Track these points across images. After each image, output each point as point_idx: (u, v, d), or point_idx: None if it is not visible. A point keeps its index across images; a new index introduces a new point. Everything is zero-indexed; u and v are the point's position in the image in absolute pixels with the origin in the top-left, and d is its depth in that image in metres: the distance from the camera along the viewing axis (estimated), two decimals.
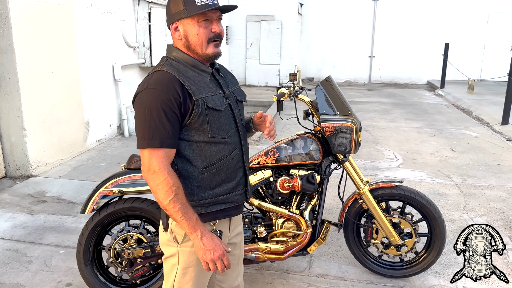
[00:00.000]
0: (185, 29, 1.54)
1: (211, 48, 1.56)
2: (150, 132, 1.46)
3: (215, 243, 1.54)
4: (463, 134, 6.99)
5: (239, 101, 1.72)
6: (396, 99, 10.68)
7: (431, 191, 4.52)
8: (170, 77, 1.49)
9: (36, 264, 3.06)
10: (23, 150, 4.68)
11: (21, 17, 4.48)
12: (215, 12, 1.55)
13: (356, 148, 2.67)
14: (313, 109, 2.76)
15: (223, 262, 1.55)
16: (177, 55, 1.58)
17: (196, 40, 1.54)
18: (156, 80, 1.49)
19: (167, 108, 1.45)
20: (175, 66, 1.55)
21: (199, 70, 1.57)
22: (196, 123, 1.51)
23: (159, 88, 1.47)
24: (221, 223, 1.67)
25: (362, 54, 13.75)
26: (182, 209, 1.48)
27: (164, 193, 1.46)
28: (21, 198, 4.22)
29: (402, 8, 13.17)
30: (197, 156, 1.56)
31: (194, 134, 1.54)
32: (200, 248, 1.53)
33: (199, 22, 1.52)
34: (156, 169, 1.46)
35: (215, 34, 1.55)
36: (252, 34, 12.53)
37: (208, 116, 1.52)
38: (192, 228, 1.50)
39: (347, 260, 3.15)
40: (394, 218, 2.82)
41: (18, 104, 4.55)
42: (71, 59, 5.37)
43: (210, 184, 1.60)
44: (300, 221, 2.62)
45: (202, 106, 1.51)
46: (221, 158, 1.59)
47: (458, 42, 12.93)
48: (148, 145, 1.46)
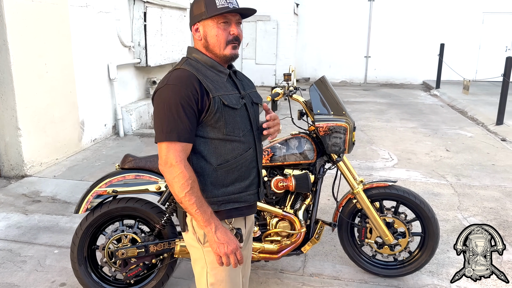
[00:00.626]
0: (205, 30, 1.60)
1: (229, 49, 1.61)
2: (169, 126, 1.50)
3: (229, 237, 1.55)
4: (458, 134, 7.03)
5: (255, 103, 1.76)
6: (392, 99, 10.72)
7: (425, 191, 4.54)
8: (189, 75, 1.55)
9: (30, 264, 3.05)
10: (18, 150, 4.66)
11: (15, 16, 4.47)
12: (235, 15, 1.61)
13: (350, 148, 2.69)
14: (307, 109, 2.77)
15: (236, 257, 1.56)
16: (196, 56, 1.64)
17: (215, 41, 1.59)
18: (176, 77, 1.55)
19: (186, 104, 1.50)
20: (194, 65, 1.61)
21: (216, 71, 1.63)
22: (212, 119, 1.55)
23: (179, 85, 1.52)
24: (237, 221, 1.70)
25: (358, 54, 13.80)
26: (197, 202, 1.51)
27: (180, 186, 1.50)
28: (15, 198, 4.20)
29: (397, 9, 13.22)
30: (212, 153, 1.60)
31: (210, 131, 1.57)
32: (214, 242, 1.54)
33: (219, 24, 1.58)
34: (173, 162, 1.50)
35: (234, 37, 1.61)
36: (248, 34, 12.53)
37: (224, 113, 1.56)
38: (206, 222, 1.53)
39: (341, 259, 3.16)
40: (388, 218, 2.84)
41: (13, 104, 4.53)
42: (66, 59, 5.36)
43: (223, 182, 1.62)
44: (294, 221, 2.63)
45: (218, 103, 1.55)
46: (235, 156, 1.62)
47: (453, 43, 13.00)
48: (166, 139, 1.50)
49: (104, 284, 2.60)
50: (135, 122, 6.86)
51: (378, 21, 13.42)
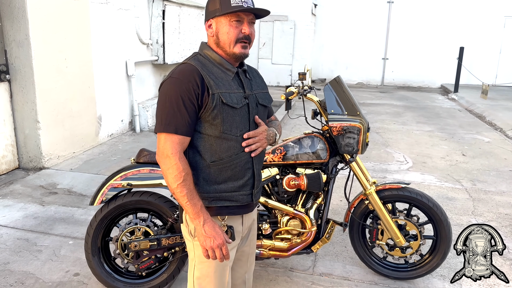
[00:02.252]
0: (217, 27, 1.62)
1: (238, 48, 1.62)
2: (168, 118, 1.54)
3: (216, 231, 1.57)
4: (475, 139, 6.92)
5: (261, 104, 1.74)
6: (408, 102, 10.61)
7: (440, 195, 4.49)
8: (192, 69, 1.57)
9: (45, 254, 3.13)
10: (36, 142, 4.77)
11: (38, 12, 4.57)
12: (248, 15, 1.62)
13: (364, 149, 2.68)
14: (321, 108, 2.77)
15: (222, 252, 1.58)
16: (207, 51, 1.66)
17: (226, 38, 1.61)
18: (180, 71, 1.58)
19: (186, 98, 1.53)
20: (202, 61, 1.63)
21: (224, 68, 1.64)
22: (210, 116, 1.57)
23: (181, 78, 1.55)
24: (232, 219, 1.71)
25: (376, 56, 13.68)
26: (188, 195, 1.54)
27: (173, 177, 1.53)
28: (33, 189, 4.30)
29: (417, 11, 13.07)
30: (207, 149, 1.61)
31: (207, 127, 1.59)
32: (201, 235, 1.57)
33: (231, 21, 1.59)
34: (169, 153, 1.53)
35: (244, 35, 1.61)
36: (265, 34, 12.55)
37: (222, 111, 1.58)
38: (196, 214, 1.56)
39: (351, 260, 3.15)
40: (400, 220, 2.82)
41: (33, 97, 4.64)
42: (85, 54, 5.45)
43: (216, 179, 1.64)
44: (305, 220, 2.64)
45: (217, 100, 1.56)
46: (230, 155, 1.62)
47: (473, 46, 12.79)
48: (164, 130, 1.54)
49: (116, 276, 2.65)
50: (151, 118, 6.94)
51: (397, 23, 13.29)
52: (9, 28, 4.50)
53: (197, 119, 1.58)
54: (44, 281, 2.81)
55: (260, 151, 1.71)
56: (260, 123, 1.71)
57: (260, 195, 1.85)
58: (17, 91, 4.65)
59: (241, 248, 1.85)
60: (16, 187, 4.35)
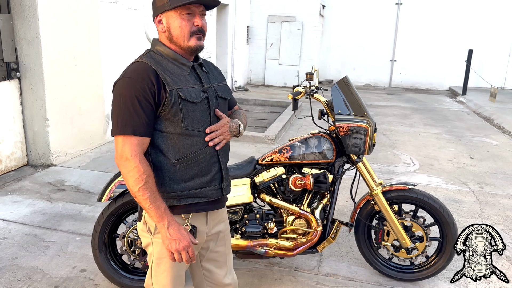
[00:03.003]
0: (168, 22, 1.57)
1: (193, 41, 1.58)
2: (124, 119, 1.49)
3: (182, 233, 1.54)
4: (483, 142, 6.88)
5: (220, 97, 1.71)
6: (416, 104, 10.56)
7: (446, 197, 4.47)
8: (146, 67, 1.52)
9: (52, 249, 3.16)
10: (45, 139, 4.81)
11: (48, 10, 4.61)
12: (199, 7, 1.57)
13: (370, 150, 2.68)
14: (328, 109, 2.77)
15: (188, 254, 1.55)
16: (159, 48, 1.62)
17: (178, 33, 1.56)
18: (133, 70, 1.53)
19: (141, 97, 1.48)
20: (155, 58, 1.58)
21: (179, 63, 1.60)
22: (169, 113, 1.53)
23: (134, 78, 1.50)
24: (196, 218, 1.68)
25: (383, 57, 13.63)
26: (151, 198, 1.50)
27: (134, 180, 1.48)
28: (41, 186, 4.35)
29: (426, 13, 13.01)
30: (170, 147, 1.57)
31: (168, 125, 1.55)
32: (166, 238, 1.53)
33: (182, 15, 1.55)
34: (128, 156, 1.48)
35: (198, 28, 1.58)
36: (272, 35, 12.56)
37: (182, 107, 1.54)
38: (159, 217, 1.52)
39: (357, 261, 3.15)
40: (406, 221, 2.82)
41: (42, 95, 4.68)
42: (94, 53, 5.50)
43: (182, 177, 1.60)
44: (310, 219, 2.64)
45: (175, 96, 1.52)
46: (194, 151, 1.59)
47: (482, 49, 12.70)
48: (121, 132, 1.49)
49: (123, 272, 2.67)
50: None
51: (406, 25, 13.23)
52: (19, 26, 4.55)
53: (155, 118, 1.54)
54: (51, 276, 2.84)
55: (224, 144, 1.68)
56: (221, 115, 1.68)
57: (230, 189, 1.82)
58: (27, 89, 4.70)
59: (216, 248, 1.82)
60: (24, 184, 4.39)
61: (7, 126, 4.60)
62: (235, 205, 2.65)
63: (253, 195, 2.69)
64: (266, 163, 2.69)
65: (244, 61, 12.63)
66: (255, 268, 2.99)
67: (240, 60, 11.97)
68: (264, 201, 2.70)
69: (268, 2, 12.46)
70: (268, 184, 2.68)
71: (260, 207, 2.82)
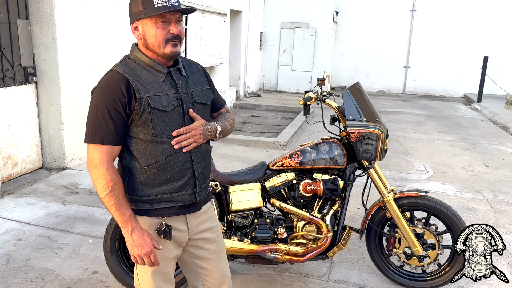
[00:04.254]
0: (143, 29, 1.59)
1: (169, 48, 1.59)
2: (94, 128, 1.54)
3: (144, 240, 1.59)
4: (498, 150, 6.78)
5: (198, 103, 1.70)
6: (430, 111, 10.46)
7: (460, 205, 4.41)
8: (118, 78, 1.55)
9: (65, 251, 3.20)
10: (60, 143, 4.89)
11: (65, 16, 4.71)
12: (174, 14, 1.58)
13: (382, 156, 2.66)
14: (340, 114, 2.77)
15: (150, 259, 1.61)
16: (136, 54, 1.63)
17: (154, 41, 1.58)
18: (106, 80, 1.57)
19: (111, 108, 1.52)
20: (130, 65, 1.61)
21: (154, 70, 1.62)
22: (140, 121, 1.56)
23: (106, 88, 1.55)
24: (173, 218, 1.70)
25: (397, 64, 13.55)
26: (116, 204, 1.56)
27: (101, 187, 1.54)
28: (55, 189, 4.42)
29: (440, 20, 12.91)
30: (142, 153, 1.61)
31: (139, 132, 1.59)
32: (129, 243, 1.61)
33: (157, 23, 1.56)
34: (97, 163, 1.54)
35: (173, 35, 1.59)
36: (285, 41, 12.59)
37: (152, 115, 1.56)
38: (124, 223, 1.58)
39: (368, 268, 3.12)
40: (418, 229, 2.79)
41: (58, 99, 4.77)
42: (110, 58, 5.58)
43: (154, 182, 1.63)
44: (321, 225, 2.63)
45: (145, 104, 1.55)
46: (165, 157, 1.61)
47: (498, 56, 12.53)
48: (91, 141, 1.55)
49: (133, 275, 2.69)
50: None
51: (420, 31, 13.14)
52: (37, 31, 4.66)
53: (126, 127, 1.58)
54: (63, 277, 2.87)
55: (194, 147, 1.66)
56: (195, 117, 1.67)
57: (206, 193, 1.80)
58: (43, 93, 4.80)
59: (205, 246, 1.84)
60: (39, 186, 4.47)
61: (23, 129, 4.69)
62: (246, 209, 2.66)
63: (264, 200, 2.69)
64: (277, 168, 2.69)
65: (257, 67, 12.68)
66: (265, 274, 2.99)
67: (253, 66, 12.02)
68: (274, 206, 2.70)
69: (282, 9, 12.51)
70: (278, 189, 2.68)
71: (270, 212, 2.82)
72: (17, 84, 4.58)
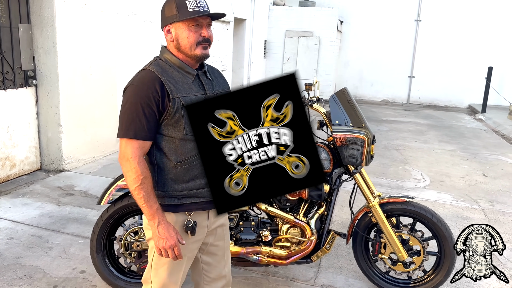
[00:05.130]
0: (176, 32, 1.67)
1: (199, 50, 1.68)
2: (127, 124, 1.62)
3: (170, 233, 1.65)
4: (499, 160, 6.73)
5: None
6: (433, 121, 10.43)
7: (454, 214, 4.39)
8: (152, 76, 1.63)
9: (55, 251, 3.24)
10: (58, 145, 4.96)
11: (65, 21, 4.80)
12: (205, 19, 1.68)
13: (368, 161, 2.68)
14: (327, 119, 2.79)
15: (174, 252, 1.66)
16: (167, 56, 1.71)
17: (186, 43, 1.66)
18: (140, 78, 1.65)
19: (145, 104, 1.60)
20: (162, 66, 1.69)
21: (184, 72, 1.70)
22: (172, 120, 1.64)
23: (140, 86, 1.63)
24: (198, 214, 1.77)
25: (402, 74, 13.55)
26: (145, 197, 1.62)
27: (132, 180, 1.61)
28: (51, 190, 4.47)
29: (445, 30, 12.92)
30: (173, 150, 1.68)
31: (171, 130, 1.66)
32: (155, 235, 1.66)
33: (190, 26, 1.65)
34: (129, 157, 1.61)
35: (204, 38, 1.68)
36: (289, 49, 12.66)
37: (184, 114, 1.64)
38: (151, 216, 1.64)
39: (355, 274, 3.12)
40: (404, 234, 2.78)
41: (57, 102, 4.85)
42: (110, 63, 5.67)
43: (183, 178, 1.70)
44: (305, 228, 2.64)
45: (178, 104, 1.63)
46: (195, 154, 1.68)
47: (503, 67, 12.50)
48: (124, 135, 1.62)
49: (118, 274, 2.72)
50: None
51: (424, 41, 13.15)
52: (38, 36, 4.75)
53: (158, 123, 1.65)
54: (51, 276, 2.91)
55: None
56: None
57: None
58: (43, 96, 4.88)
59: (215, 242, 1.90)
60: (36, 187, 4.53)
61: (22, 131, 4.77)
62: (231, 212, 2.68)
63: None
64: None
65: (261, 74, 12.73)
66: (251, 277, 2.99)
67: (256, 74, 12.08)
68: (260, 209, 2.72)
69: (286, 18, 12.59)
70: None
71: (256, 215, 2.83)
72: (17, 86, 4.67)
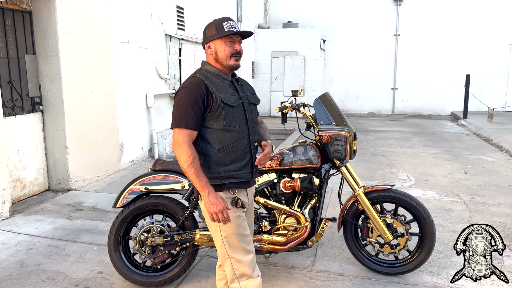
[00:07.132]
0: (215, 47, 2.17)
1: (232, 61, 2.18)
2: (179, 117, 2.08)
3: (218, 200, 2.06)
4: (479, 159, 7.14)
5: (252, 103, 2.29)
6: (417, 129, 10.89)
7: (438, 207, 4.74)
8: (199, 81, 2.12)
9: (73, 257, 3.52)
10: (65, 166, 5.26)
11: (68, 50, 5.18)
12: (237, 36, 2.19)
13: (352, 155, 3.05)
14: (314, 121, 3.17)
15: (223, 215, 2.06)
16: (207, 67, 2.21)
17: (223, 55, 2.16)
18: (189, 82, 2.14)
19: (194, 102, 2.07)
20: (205, 74, 2.18)
21: (221, 78, 2.19)
22: (215, 114, 2.10)
23: (190, 88, 2.10)
24: (239, 193, 2.22)
25: (385, 86, 14.11)
26: (196, 173, 2.05)
27: (184, 160, 2.04)
28: (61, 207, 4.75)
29: (423, 42, 13.56)
30: (215, 139, 2.13)
31: (214, 123, 2.12)
32: (206, 202, 2.07)
33: (226, 42, 2.15)
34: (180, 142, 2.06)
35: (236, 51, 2.17)
36: (276, 69, 13.17)
37: (224, 110, 2.11)
38: (202, 188, 2.06)
39: (348, 260, 3.43)
40: (388, 219, 3.13)
41: (62, 125, 5.17)
42: (109, 88, 6.03)
43: (224, 162, 2.15)
44: (299, 217, 2.98)
45: (220, 102, 2.10)
46: (232, 142, 2.15)
47: (481, 74, 13.12)
48: (177, 125, 2.08)
49: (135, 269, 3.01)
50: (168, 146, 7.42)
51: (404, 54, 13.77)
52: (43, 64, 5.11)
53: (203, 117, 2.10)
54: (72, 277, 3.18)
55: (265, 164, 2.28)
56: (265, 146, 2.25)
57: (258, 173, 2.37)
58: (49, 120, 5.20)
59: (247, 218, 2.31)
60: (46, 205, 4.80)
61: (30, 154, 5.07)
62: None
63: None
64: (260, 170, 3.06)
65: None
66: None
67: None
68: (259, 203, 3.05)
69: (271, 39, 13.15)
70: (262, 188, 3.04)
71: (255, 209, 3.16)
72: (25, 112, 5.00)
